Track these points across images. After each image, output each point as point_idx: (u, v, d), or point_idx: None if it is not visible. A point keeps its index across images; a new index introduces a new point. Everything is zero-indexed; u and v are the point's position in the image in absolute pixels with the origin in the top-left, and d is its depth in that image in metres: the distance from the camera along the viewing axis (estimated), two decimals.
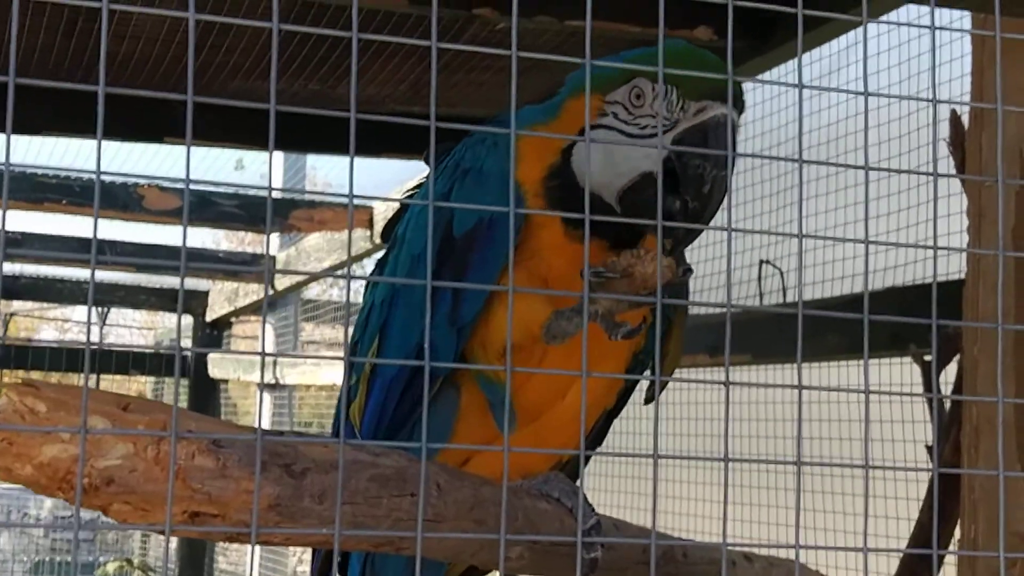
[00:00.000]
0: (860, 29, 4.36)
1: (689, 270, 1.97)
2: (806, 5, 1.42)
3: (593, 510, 2.09)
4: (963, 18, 3.37)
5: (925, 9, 3.21)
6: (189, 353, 10.41)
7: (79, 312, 13.49)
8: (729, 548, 2.85)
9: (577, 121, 2.10)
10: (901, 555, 3.25)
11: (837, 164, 1.34)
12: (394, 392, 2.20)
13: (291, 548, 10.56)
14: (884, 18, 4.37)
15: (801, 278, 1.44)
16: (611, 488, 5.96)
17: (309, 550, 2.44)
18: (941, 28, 1.36)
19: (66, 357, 10.23)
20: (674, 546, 2.41)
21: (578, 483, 2.12)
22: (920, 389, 3.44)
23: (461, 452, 2.17)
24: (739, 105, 2.07)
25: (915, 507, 3.31)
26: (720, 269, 5.20)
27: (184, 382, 10.80)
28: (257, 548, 10.52)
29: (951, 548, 2.93)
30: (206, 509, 1.33)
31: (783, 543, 3.52)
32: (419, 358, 2.10)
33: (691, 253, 2.23)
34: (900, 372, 4.35)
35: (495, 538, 1.59)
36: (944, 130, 3.81)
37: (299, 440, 1.47)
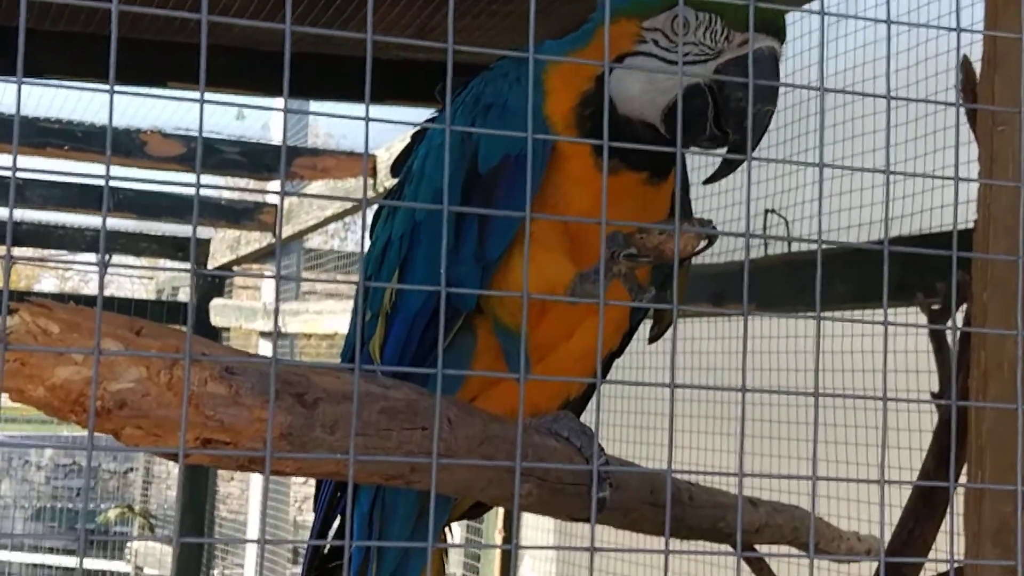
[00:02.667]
0: None
1: (714, 234, 1.94)
2: None
3: (603, 450, 2.09)
4: None
5: None
6: (191, 300, 10.42)
7: (80, 259, 13.46)
8: (734, 493, 2.86)
9: (612, 47, 2.07)
10: (906, 501, 3.25)
11: (857, 93, 1.33)
12: (416, 329, 2.18)
13: (291, 498, 10.61)
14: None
15: (821, 210, 1.42)
16: (616, 437, 5.97)
17: (310, 499, 2.43)
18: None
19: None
20: (680, 488, 2.41)
21: (589, 420, 2.12)
22: (926, 338, 3.43)
23: (470, 391, 2.16)
24: (781, 36, 2.04)
25: (918, 458, 3.31)
26: (731, 217, 5.17)
27: (184, 330, 10.78)
28: (258, 498, 10.57)
29: (958, 495, 2.92)
30: (218, 436, 1.32)
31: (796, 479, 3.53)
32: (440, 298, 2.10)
33: (704, 200, 2.22)
34: (907, 319, 4.34)
35: (506, 471, 1.58)
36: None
37: (311, 369, 1.46)
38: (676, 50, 2.03)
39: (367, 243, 2.37)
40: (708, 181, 2.13)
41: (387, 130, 7.60)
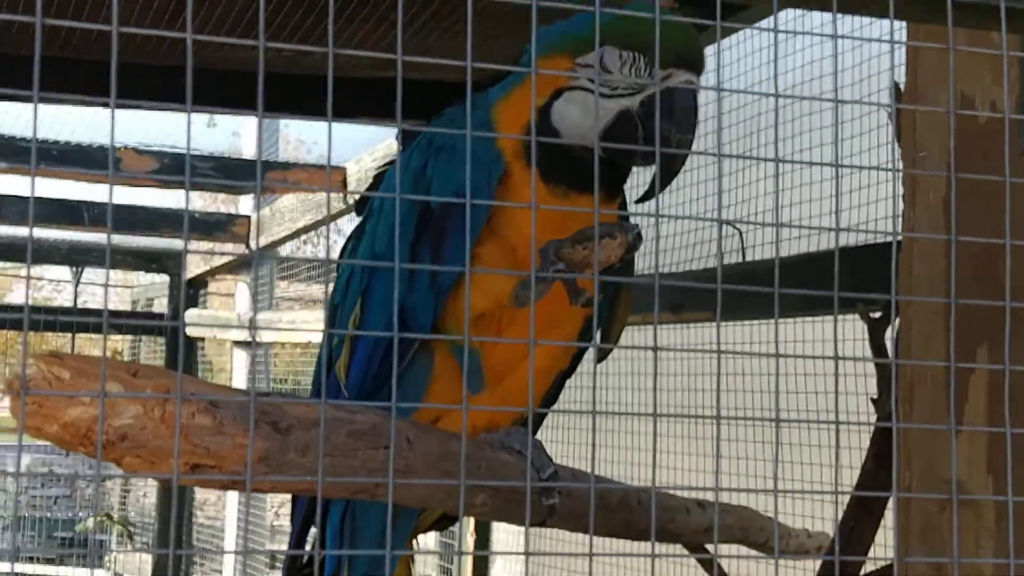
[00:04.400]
0: None
1: (639, 237, 2.13)
2: None
3: (551, 460, 2.28)
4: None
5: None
6: (165, 312, 10.56)
7: (51, 271, 13.58)
8: (683, 496, 3.05)
9: (548, 81, 2.28)
10: (847, 502, 3.44)
11: (751, 157, 1.52)
12: (378, 351, 2.38)
13: (268, 503, 10.77)
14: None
15: (720, 259, 1.61)
16: (574, 439, 6.13)
17: (285, 505, 2.63)
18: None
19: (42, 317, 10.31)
20: (629, 493, 2.59)
21: (543, 436, 2.31)
22: (866, 344, 3.63)
23: (433, 409, 2.35)
24: (699, 69, 2.25)
25: (857, 456, 3.49)
26: (682, 230, 5.37)
27: (160, 340, 10.96)
28: (235, 504, 10.71)
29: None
30: (205, 461, 1.52)
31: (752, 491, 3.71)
32: (400, 319, 2.30)
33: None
34: (853, 328, 4.53)
35: (458, 485, 1.77)
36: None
37: (284, 400, 1.66)
38: (605, 84, 2.24)
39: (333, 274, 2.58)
40: (640, 200, 2.35)
41: (356, 144, 7.75)
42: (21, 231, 9.84)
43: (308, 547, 2.68)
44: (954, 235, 1.71)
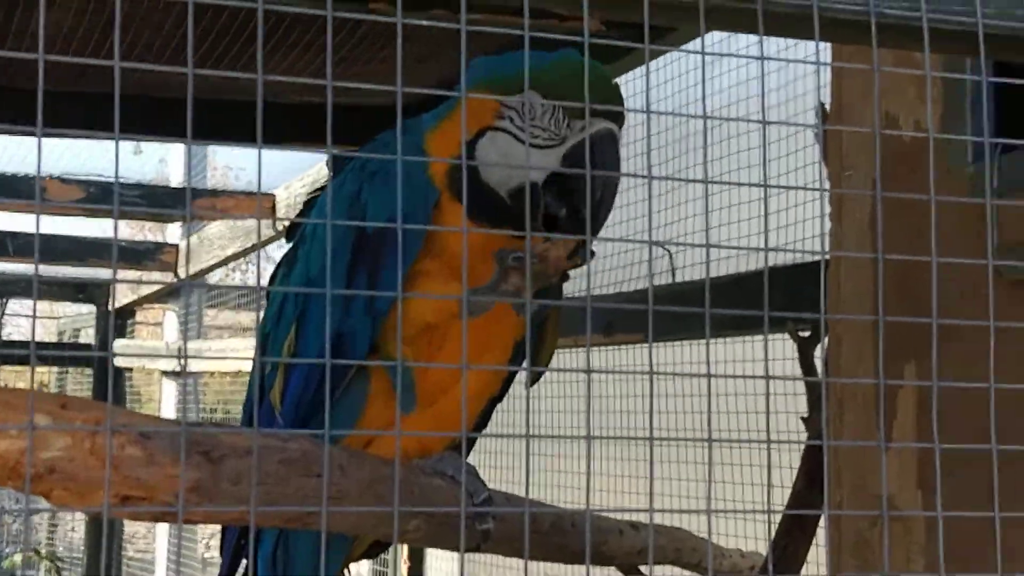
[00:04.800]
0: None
1: (592, 253, 2.14)
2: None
3: (485, 485, 2.27)
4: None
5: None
6: (92, 342, 10.46)
7: None
8: (616, 518, 3.05)
9: (475, 117, 2.27)
10: (780, 520, 3.46)
11: (681, 179, 1.53)
12: (313, 377, 2.37)
13: (199, 535, 10.68)
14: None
15: (651, 280, 1.62)
16: (508, 464, 6.13)
17: (217, 536, 2.60)
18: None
19: None
20: (562, 516, 2.59)
21: (475, 460, 2.31)
22: (796, 363, 3.65)
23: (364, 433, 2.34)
24: (619, 120, 2.24)
25: (788, 475, 3.51)
26: (612, 251, 5.39)
27: (87, 372, 10.85)
28: (165, 537, 10.62)
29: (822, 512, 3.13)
30: (135, 492, 1.50)
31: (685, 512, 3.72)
32: (336, 345, 2.28)
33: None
34: (783, 347, 4.57)
35: (391, 511, 1.76)
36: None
37: (217, 430, 1.64)
38: (528, 130, 2.22)
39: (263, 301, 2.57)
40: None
41: (285, 169, 7.71)
42: None
43: None
44: (881, 253, 1.72)
